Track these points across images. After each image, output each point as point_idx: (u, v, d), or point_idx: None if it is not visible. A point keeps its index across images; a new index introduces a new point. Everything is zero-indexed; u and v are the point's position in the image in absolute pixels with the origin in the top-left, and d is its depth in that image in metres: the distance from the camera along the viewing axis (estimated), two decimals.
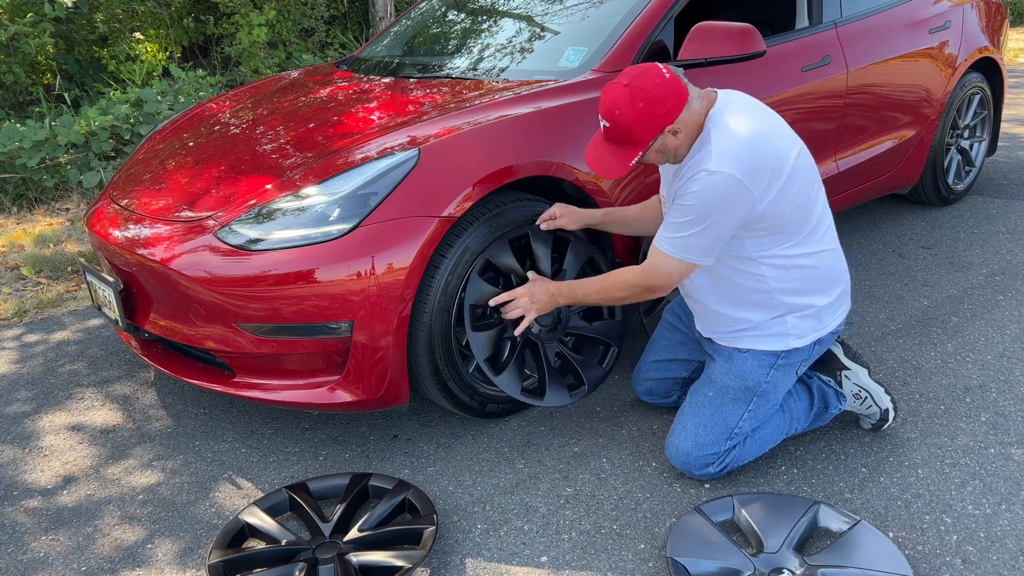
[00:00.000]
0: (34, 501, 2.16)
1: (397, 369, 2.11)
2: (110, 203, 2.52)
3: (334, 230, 2.02)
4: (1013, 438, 2.24)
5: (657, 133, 1.86)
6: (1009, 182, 4.57)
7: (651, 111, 1.82)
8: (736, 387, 2.06)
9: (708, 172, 1.82)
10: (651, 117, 1.83)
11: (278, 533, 1.91)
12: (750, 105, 1.95)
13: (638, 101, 1.82)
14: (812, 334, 2.06)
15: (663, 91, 1.83)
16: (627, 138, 1.87)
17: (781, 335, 2.03)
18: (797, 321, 2.03)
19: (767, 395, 2.07)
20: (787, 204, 1.89)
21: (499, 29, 3.11)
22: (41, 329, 3.21)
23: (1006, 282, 3.24)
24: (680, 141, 1.90)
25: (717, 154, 1.83)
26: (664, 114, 1.83)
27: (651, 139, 1.86)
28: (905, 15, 3.49)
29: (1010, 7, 13.36)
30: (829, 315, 2.08)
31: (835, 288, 2.07)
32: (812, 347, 2.09)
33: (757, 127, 1.89)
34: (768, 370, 2.05)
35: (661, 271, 1.95)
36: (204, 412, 2.55)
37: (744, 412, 2.05)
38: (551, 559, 1.87)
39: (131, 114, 5.19)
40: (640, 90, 1.83)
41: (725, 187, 1.82)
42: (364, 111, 2.61)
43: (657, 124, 1.84)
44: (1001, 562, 1.80)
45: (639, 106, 1.82)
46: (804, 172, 1.93)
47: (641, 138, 1.86)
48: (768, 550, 1.79)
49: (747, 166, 1.83)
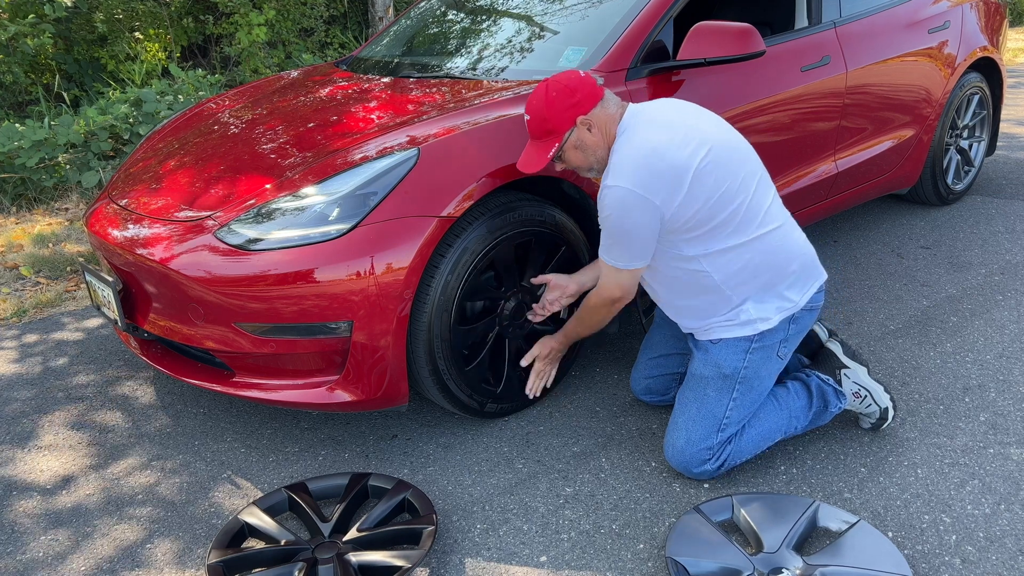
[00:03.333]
0: (34, 501, 2.16)
1: (396, 369, 2.11)
2: (109, 203, 2.52)
3: (333, 230, 2.02)
4: (1012, 438, 2.24)
5: (570, 124, 1.98)
6: (1008, 182, 4.57)
7: (563, 99, 1.96)
8: (714, 376, 2.07)
9: (608, 187, 1.94)
10: (564, 105, 1.96)
11: (277, 533, 1.91)
12: (656, 117, 2.01)
13: (552, 91, 1.98)
14: (778, 314, 2.05)
15: (575, 83, 1.98)
16: (544, 129, 2.00)
17: (747, 322, 2.04)
18: (756, 306, 2.04)
19: (750, 381, 2.07)
20: (700, 203, 1.93)
21: (498, 29, 3.11)
22: (40, 329, 3.21)
23: (1005, 282, 3.24)
24: (595, 138, 2.00)
25: (615, 170, 1.94)
26: (576, 103, 1.96)
27: (565, 129, 1.98)
28: (904, 15, 3.50)
29: (1009, 7, 13.36)
30: (793, 292, 2.06)
31: (789, 265, 2.05)
32: (787, 326, 2.07)
33: (654, 141, 1.94)
34: (743, 355, 2.05)
35: (611, 283, 2.07)
36: (203, 412, 2.55)
37: (729, 401, 2.06)
38: (550, 559, 1.87)
39: (130, 114, 5.19)
40: (555, 82, 2.00)
41: (624, 200, 1.91)
42: (363, 111, 2.61)
43: (570, 113, 1.97)
44: (1000, 562, 1.80)
45: (552, 95, 1.97)
46: (717, 168, 1.94)
47: (556, 127, 1.98)
48: (767, 550, 1.79)
49: (639, 180, 1.91)
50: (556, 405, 2.50)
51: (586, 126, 1.99)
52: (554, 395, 2.55)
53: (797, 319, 2.09)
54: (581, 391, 2.57)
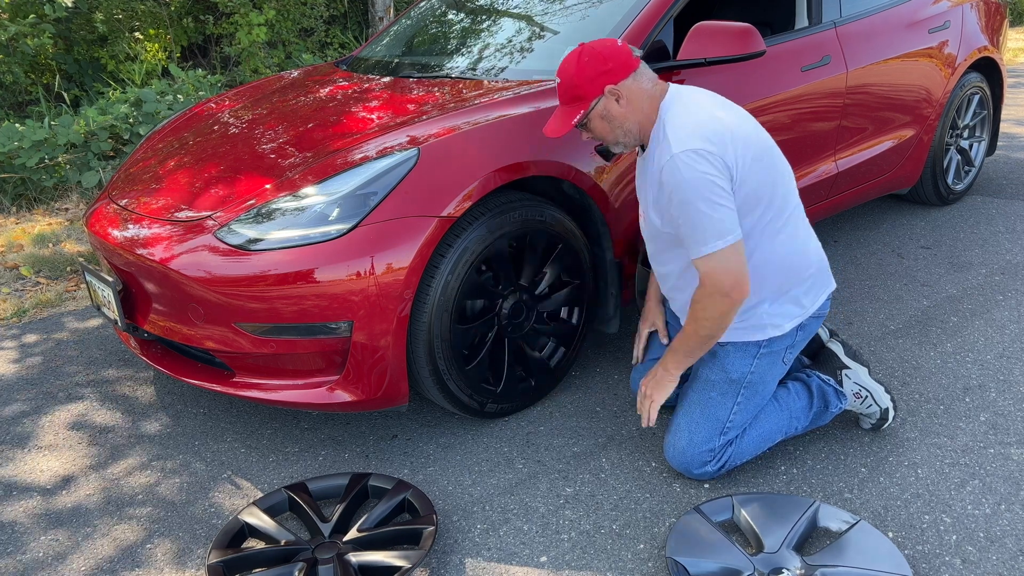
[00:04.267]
0: (34, 501, 2.16)
1: (396, 369, 2.11)
2: (109, 203, 2.52)
3: (333, 230, 2.02)
4: (1012, 438, 2.24)
5: (599, 92, 1.92)
6: (1009, 182, 4.57)
7: (594, 66, 1.90)
8: (721, 380, 2.06)
9: (671, 157, 1.86)
10: (594, 72, 1.90)
11: (277, 533, 1.91)
12: (700, 92, 2.00)
13: (584, 56, 1.92)
14: (790, 321, 2.05)
15: (610, 51, 1.92)
16: (572, 94, 1.94)
17: (758, 326, 2.04)
18: (771, 308, 2.03)
19: (755, 386, 2.07)
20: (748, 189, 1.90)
21: (498, 29, 3.11)
22: (40, 329, 3.21)
23: (1006, 282, 3.24)
24: (625, 111, 1.94)
25: (675, 138, 1.87)
26: (607, 71, 1.90)
27: (593, 96, 1.92)
28: (905, 15, 3.49)
29: (1010, 7, 13.36)
30: (805, 299, 2.07)
31: (807, 269, 2.06)
32: (794, 333, 2.08)
33: (707, 107, 1.94)
34: (751, 360, 2.05)
35: (718, 270, 1.87)
36: (203, 412, 2.55)
37: (733, 405, 2.05)
38: (551, 559, 1.87)
39: (130, 114, 5.19)
40: (589, 48, 1.93)
41: (694, 163, 1.83)
42: (363, 111, 2.61)
43: (599, 81, 1.90)
44: (1000, 562, 1.80)
45: (583, 60, 1.91)
46: (764, 155, 1.94)
47: (584, 93, 1.92)
48: (768, 550, 1.79)
49: (706, 137, 1.86)
50: (556, 405, 2.49)
51: (615, 96, 1.92)
52: (554, 395, 2.54)
53: (804, 326, 2.10)
54: (581, 391, 2.57)
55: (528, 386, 2.42)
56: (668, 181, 1.87)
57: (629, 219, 2.48)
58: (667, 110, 1.94)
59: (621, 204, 2.43)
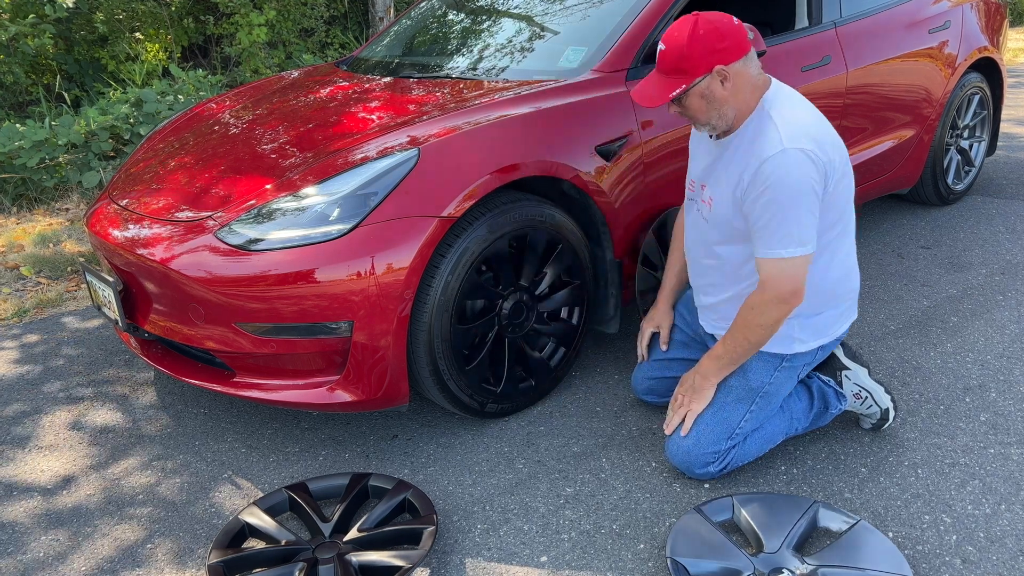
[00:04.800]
0: (34, 501, 2.16)
1: (397, 369, 2.11)
2: (110, 203, 2.52)
3: (334, 230, 2.02)
4: (1012, 438, 2.24)
5: (707, 69, 1.81)
6: (1009, 182, 4.57)
7: (710, 41, 1.79)
8: (740, 387, 2.06)
9: (781, 152, 1.80)
10: (707, 48, 1.80)
11: (278, 533, 1.91)
12: (805, 100, 1.96)
13: (699, 28, 1.80)
14: (815, 340, 2.07)
15: (726, 28, 1.81)
16: (677, 65, 1.83)
17: (786, 338, 2.03)
18: (803, 323, 2.04)
19: (770, 396, 2.07)
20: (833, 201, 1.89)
21: (499, 29, 3.11)
22: (41, 329, 3.21)
23: (1006, 282, 3.24)
24: (727, 95, 1.86)
25: (787, 134, 1.82)
26: (721, 50, 1.80)
27: (700, 73, 1.82)
28: (905, 15, 3.49)
29: (1010, 7, 13.35)
30: (835, 324, 2.10)
31: (846, 297, 2.09)
32: (816, 352, 2.11)
33: (814, 112, 1.91)
34: (772, 371, 2.06)
35: (783, 276, 1.85)
36: (204, 412, 2.55)
37: (746, 412, 2.05)
38: (551, 559, 1.87)
39: (131, 114, 5.19)
40: (706, 20, 1.81)
41: (800, 162, 1.80)
42: (364, 111, 2.61)
43: (711, 58, 1.80)
44: (1000, 562, 1.80)
45: (699, 32, 1.80)
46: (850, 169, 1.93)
47: (691, 67, 1.81)
48: (768, 550, 1.79)
49: (818, 143, 1.83)
50: (557, 405, 2.50)
51: (722, 77, 1.83)
52: (554, 395, 2.55)
53: (825, 348, 2.13)
54: (581, 391, 2.57)
55: (528, 386, 2.43)
56: (770, 175, 1.81)
57: (629, 219, 2.48)
58: (772, 102, 1.89)
59: (621, 204, 2.44)
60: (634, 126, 2.46)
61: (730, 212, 1.96)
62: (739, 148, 1.93)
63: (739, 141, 1.93)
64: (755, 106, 1.90)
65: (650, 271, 2.62)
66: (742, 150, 1.91)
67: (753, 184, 1.85)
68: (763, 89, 1.91)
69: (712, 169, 2.02)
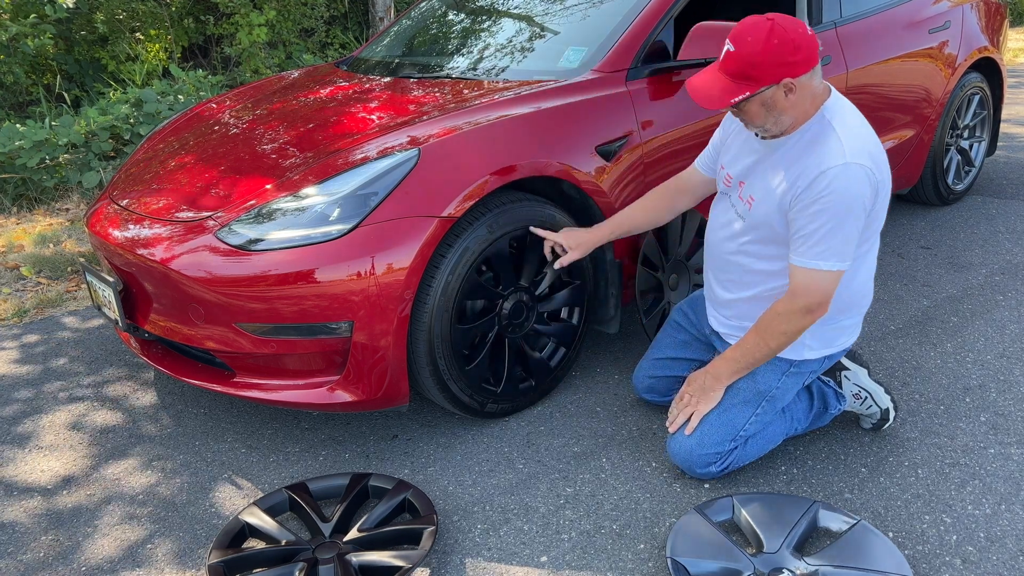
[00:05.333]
0: (34, 501, 2.16)
1: (397, 369, 2.11)
2: (110, 203, 2.52)
3: (334, 230, 2.02)
4: (1013, 438, 2.24)
5: (775, 80, 1.77)
6: (1009, 182, 4.57)
7: (782, 52, 1.75)
8: (748, 389, 2.06)
9: (843, 165, 1.78)
10: (779, 59, 1.75)
11: (278, 533, 1.91)
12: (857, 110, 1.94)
13: (774, 37, 1.75)
14: (825, 349, 2.08)
15: (802, 39, 1.76)
16: (744, 71, 1.78)
17: (798, 344, 2.03)
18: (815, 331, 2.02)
19: (775, 400, 2.07)
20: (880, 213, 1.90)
21: (499, 29, 3.11)
22: (41, 329, 3.21)
23: (1006, 282, 3.24)
24: (788, 105, 1.83)
25: (850, 148, 1.80)
26: (792, 63, 1.76)
27: (767, 83, 1.77)
28: (905, 15, 3.50)
29: (1010, 7, 13.35)
30: (843, 336, 2.10)
31: (860, 309, 2.09)
32: (823, 361, 2.11)
33: (869, 127, 1.90)
34: (780, 376, 2.06)
35: (816, 287, 1.85)
36: (204, 412, 2.55)
37: (752, 415, 2.05)
38: (551, 559, 1.87)
39: (131, 114, 5.19)
40: (781, 28, 1.75)
41: (860, 179, 1.79)
42: (364, 111, 2.61)
43: (781, 70, 1.76)
44: (1001, 562, 1.80)
45: (774, 42, 1.74)
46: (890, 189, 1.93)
47: (759, 76, 1.77)
48: (768, 550, 1.79)
49: (875, 161, 1.82)
50: (557, 405, 2.50)
51: (787, 89, 1.79)
52: (554, 395, 2.55)
53: (831, 357, 2.13)
54: (581, 391, 2.57)
55: (528, 386, 2.43)
56: (828, 186, 1.79)
57: None
58: (833, 112, 1.86)
59: (621, 204, 2.43)
60: (634, 126, 2.47)
61: (774, 215, 1.92)
62: (791, 152, 1.89)
63: (792, 145, 1.90)
64: (813, 114, 1.87)
65: (650, 271, 2.62)
66: (795, 154, 1.88)
67: (808, 191, 1.82)
68: (823, 98, 1.88)
69: (755, 168, 1.98)
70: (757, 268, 2.04)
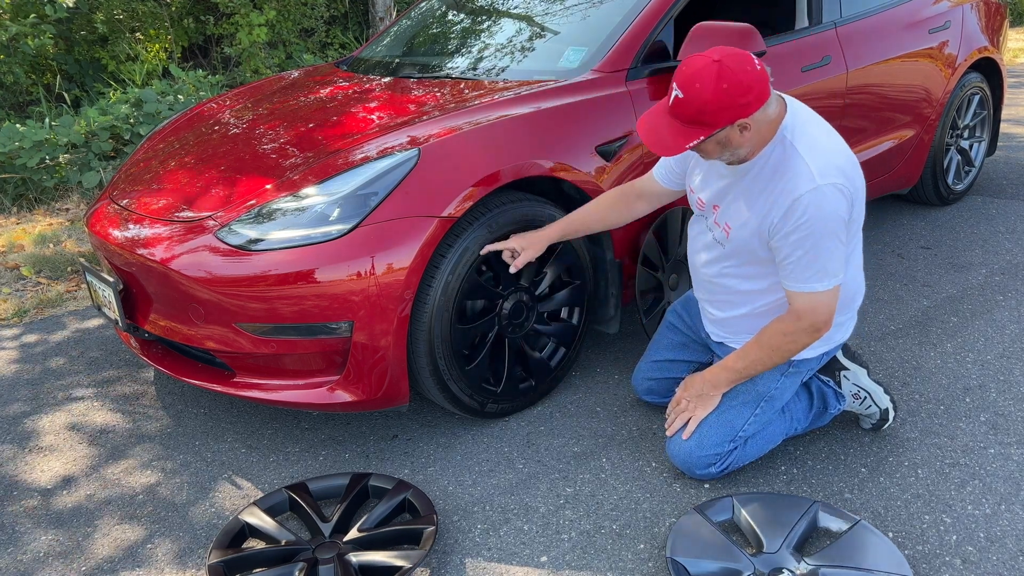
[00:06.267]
0: (34, 501, 2.16)
1: (397, 369, 2.11)
2: (110, 203, 2.52)
3: (334, 230, 2.02)
4: (1013, 438, 2.24)
5: (728, 122, 1.74)
6: (1009, 182, 4.57)
7: (733, 97, 1.71)
8: (747, 390, 2.06)
9: (814, 189, 1.76)
10: (730, 103, 1.71)
11: (278, 533, 1.91)
12: (823, 124, 1.92)
13: (723, 81, 1.70)
14: (822, 347, 2.09)
15: (751, 79, 1.72)
16: (696, 117, 1.74)
17: None
18: None
19: (774, 400, 2.08)
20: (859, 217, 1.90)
21: (499, 29, 3.11)
22: (41, 329, 3.21)
23: (1006, 282, 3.24)
24: (744, 140, 1.80)
25: (818, 169, 1.78)
26: (744, 105, 1.73)
27: (720, 126, 1.74)
28: (905, 15, 3.50)
29: (1010, 7, 13.35)
30: (839, 332, 2.11)
31: (853, 305, 2.10)
32: (820, 358, 2.13)
33: (832, 134, 1.88)
34: (779, 376, 2.07)
35: (819, 307, 1.86)
36: (204, 412, 2.55)
37: (751, 416, 2.06)
38: (551, 559, 1.87)
39: (131, 114, 5.19)
40: (730, 71, 1.70)
41: (834, 198, 1.78)
42: (364, 111, 2.61)
43: (733, 113, 1.73)
44: (1001, 562, 1.80)
45: (723, 87, 1.70)
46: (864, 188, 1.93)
47: (711, 121, 1.73)
48: (768, 550, 1.79)
49: (845, 174, 1.81)
50: (557, 405, 2.50)
51: (742, 128, 1.77)
52: (554, 395, 2.55)
53: (828, 353, 2.14)
54: (581, 391, 2.57)
55: (528, 386, 2.43)
56: (803, 213, 1.78)
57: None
58: (793, 131, 1.83)
59: None
60: (634, 126, 2.47)
61: (753, 242, 1.91)
62: (759, 178, 1.87)
63: (759, 170, 1.87)
64: (771, 139, 1.85)
65: (650, 271, 2.62)
66: (763, 181, 1.86)
67: (785, 220, 1.81)
68: (779, 120, 1.84)
69: (726, 193, 1.96)
70: (744, 288, 2.04)
